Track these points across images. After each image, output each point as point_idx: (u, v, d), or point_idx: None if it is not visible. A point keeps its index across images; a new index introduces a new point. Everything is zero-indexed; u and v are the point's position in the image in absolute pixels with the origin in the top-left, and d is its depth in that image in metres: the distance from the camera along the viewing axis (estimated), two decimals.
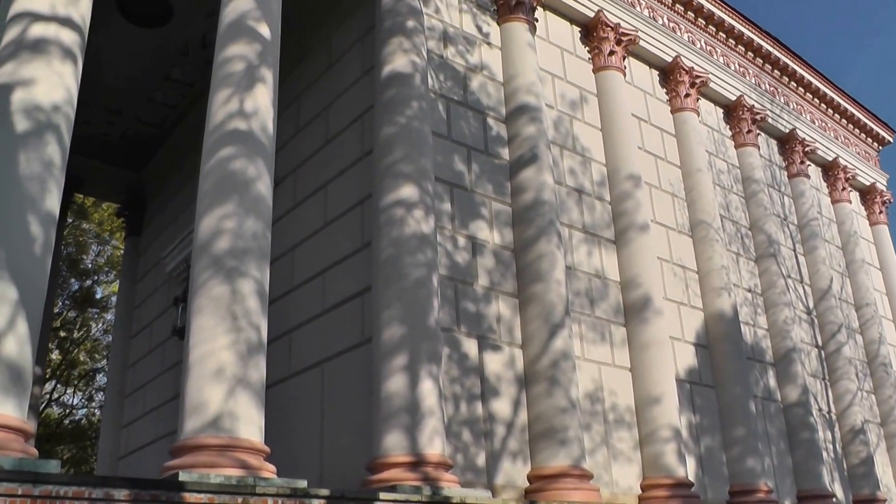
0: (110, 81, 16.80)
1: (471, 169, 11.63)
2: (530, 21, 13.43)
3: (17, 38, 8.29)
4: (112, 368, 19.73)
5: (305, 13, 13.88)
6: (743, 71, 18.32)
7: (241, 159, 8.85)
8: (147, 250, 19.36)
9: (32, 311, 7.17)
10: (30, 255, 7.36)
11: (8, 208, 7.39)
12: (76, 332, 32.90)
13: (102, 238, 32.30)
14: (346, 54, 12.72)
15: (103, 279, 33.10)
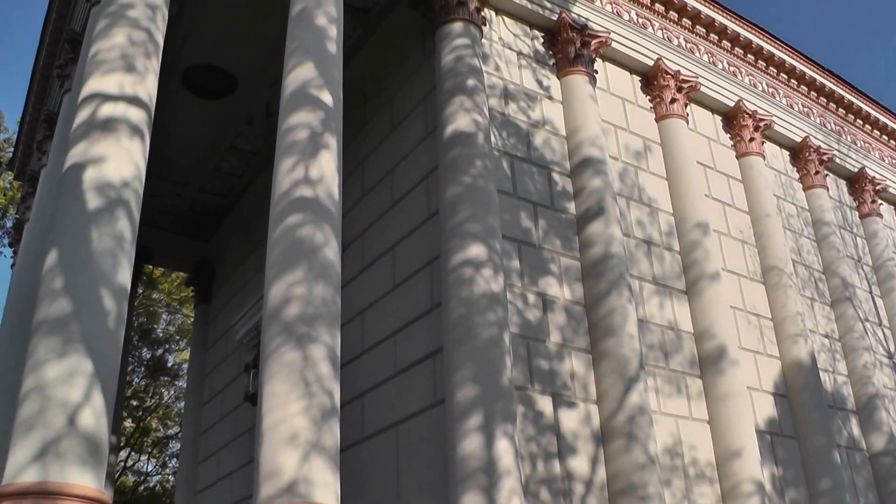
0: (177, 154, 17.31)
1: (538, 225, 11.65)
2: (590, 73, 13.50)
3: (88, 119, 8.65)
4: (185, 435, 19.98)
5: (367, 78, 14.16)
6: (807, 111, 18.12)
7: (308, 226, 8.97)
8: (217, 318, 19.67)
9: (108, 383, 7.38)
10: (104, 328, 7.59)
11: (82, 284, 7.66)
12: (149, 400, 33.46)
13: (173, 307, 33.00)
14: (409, 116, 12.90)
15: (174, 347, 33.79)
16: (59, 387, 7.09)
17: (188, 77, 15.40)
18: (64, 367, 7.19)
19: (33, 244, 13.15)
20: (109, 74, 8.97)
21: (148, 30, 9.49)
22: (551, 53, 13.73)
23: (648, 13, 15.51)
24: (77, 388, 7.11)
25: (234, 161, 17.87)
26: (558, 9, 13.84)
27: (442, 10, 12.32)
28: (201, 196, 19.25)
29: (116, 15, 9.44)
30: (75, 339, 7.33)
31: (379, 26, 14.12)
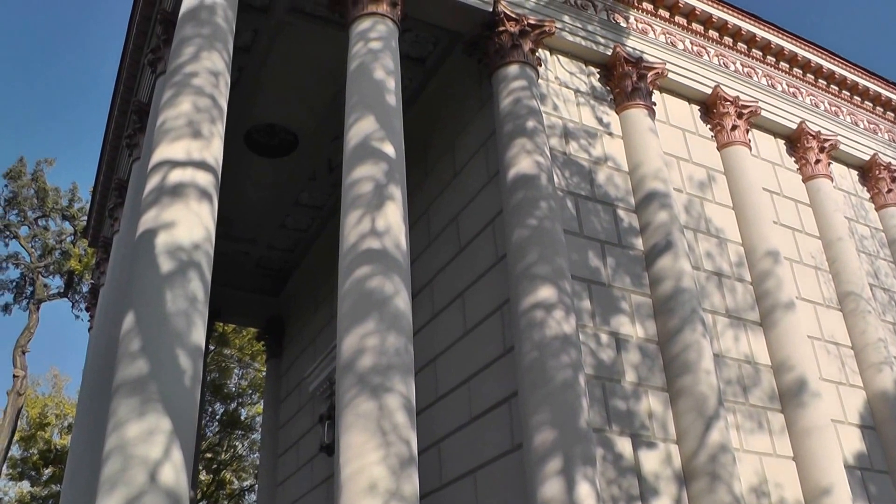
0: (243, 213, 17.74)
1: (606, 263, 11.65)
2: (649, 106, 13.52)
3: (158, 185, 8.92)
4: (262, 488, 20.19)
5: (426, 126, 14.36)
6: (873, 127, 17.83)
7: (377, 277, 9.12)
8: (288, 371, 19.93)
9: (186, 440, 7.57)
10: (181, 387, 7.80)
11: (159, 345, 7.88)
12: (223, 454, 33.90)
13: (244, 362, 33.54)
14: (470, 162, 13.04)
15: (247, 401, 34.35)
16: (139, 445, 7.28)
17: (251, 137, 15.81)
18: (144, 425, 7.38)
19: (109, 307, 13.51)
20: (177, 141, 9.24)
21: (212, 96, 9.75)
22: (608, 89, 13.79)
23: (703, 40, 15.50)
24: (157, 445, 7.30)
25: (299, 216, 18.22)
26: (612, 43, 13.92)
27: (497, 53, 12.49)
28: (268, 252, 19.67)
29: (181, 84, 9.75)
30: (154, 399, 7.54)
31: (435, 75, 14.33)
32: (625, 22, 14.44)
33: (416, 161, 13.26)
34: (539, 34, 12.85)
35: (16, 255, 35.86)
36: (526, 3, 13.25)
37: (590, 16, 14.04)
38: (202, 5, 10.46)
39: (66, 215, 36.54)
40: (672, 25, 15.14)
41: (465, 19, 12.88)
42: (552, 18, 13.24)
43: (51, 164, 36.75)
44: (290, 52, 13.78)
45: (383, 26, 11.41)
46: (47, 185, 36.15)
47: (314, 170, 16.64)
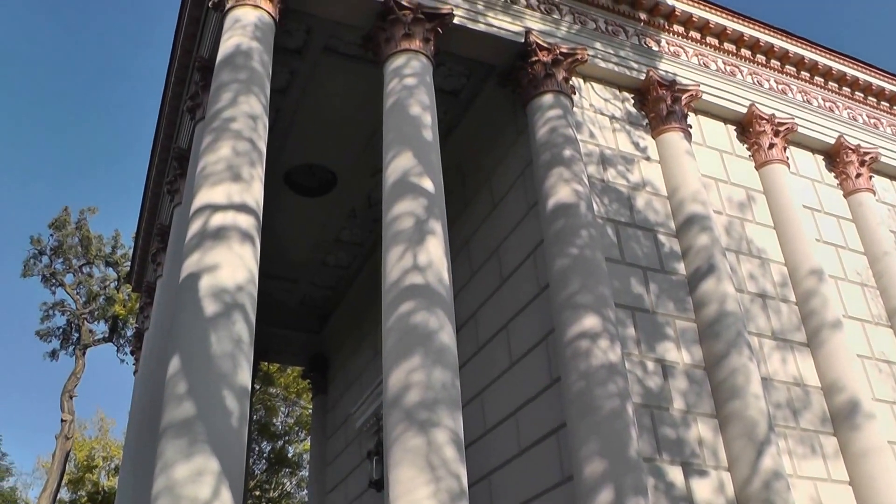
0: (285, 252, 17.96)
1: (649, 289, 11.64)
2: (684, 129, 13.53)
3: (201, 229, 9.06)
4: None
5: (463, 159, 14.47)
6: None
7: (421, 312, 9.19)
8: (335, 407, 20.02)
9: (234, 480, 7.68)
10: (228, 427, 7.91)
11: (205, 386, 8.00)
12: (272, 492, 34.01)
13: (290, 400, 33.74)
14: (509, 192, 13.11)
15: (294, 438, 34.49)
16: (188, 486, 7.38)
17: (290, 178, 16.03)
18: (192, 466, 7.49)
19: (154, 351, 13.69)
20: (218, 185, 9.38)
21: (250, 139, 9.91)
22: (643, 113, 13.82)
23: (735, 59, 15.48)
24: (205, 486, 7.40)
25: (340, 254, 18.41)
26: (645, 68, 13.98)
27: (531, 83, 12.59)
28: (311, 290, 19.86)
29: (220, 129, 9.91)
30: (201, 440, 7.65)
31: (470, 107, 14.43)
32: (657, 46, 14.48)
33: (454, 194, 13.35)
34: (572, 62, 12.93)
35: (62, 303, 36.64)
36: (557, 32, 13.35)
37: (621, 41, 14.11)
38: (238, 51, 10.65)
39: (110, 262, 37.33)
40: (704, 46, 15.16)
41: (497, 51, 13.02)
42: (584, 46, 13.31)
43: (93, 212, 37.71)
44: (326, 91, 14.00)
45: (417, 62, 11.58)
46: (91, 233, 37.06)
47: (354, 207, 16.83)
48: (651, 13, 14.62)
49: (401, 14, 11.83)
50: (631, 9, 14.46)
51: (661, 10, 14.64)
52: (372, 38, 12.15)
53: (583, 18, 13.92)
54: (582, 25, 13.81)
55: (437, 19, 12.10)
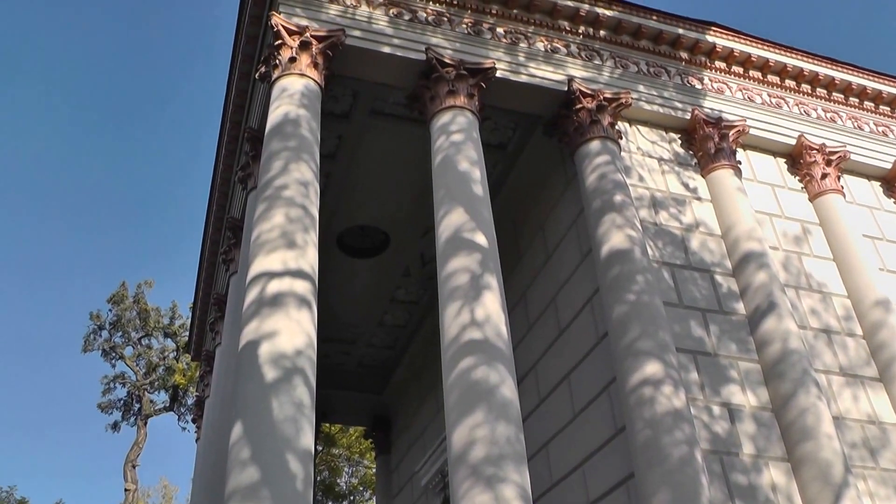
0: (341, 315, 18.17)
1: (709, 332, 11.55)
2: (734, 165, 13.51)
3: (258, 297, 9.21)
4: None
5: (514, 211, 14.61)
6: None
7: (481, 368, 9.22)
8: (399, 466, 20.04)
9: None
10: (293, 491, 7.97)
11: (268, 451, 8.08)
12: None
13: (353, 460, 33.81)
14: (562, 242, 13.17)
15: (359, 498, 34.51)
16: None
17: (343, 240, 16.28)
18: None
19: (215, 418, 13.83)
20: (273, 253, 9.54)
21: (303, 205, 10.08)
22: (691, 153, 13.83)
23: (780, 91, 15.44)
24: None
25: (396, 313, 18.57)
26: (689, 107, 14.03)
27: (576, 131, 12.69)
28: (369, 351, 20.04)
29: (273, 197, 10.09)
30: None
31: (518, 159, 14.56)
32: (700, 83, 14.53)
33: (508, 247, 13.41)
34: (616, 107, 13.04)
35: (122, 375, 37.51)
36: (599, 78, 13.48)
37: (664, 82, 14.19)
38: (287, 119, 10.88)
39: (168, 333, 38.22)
40: (747, 80, 15.17)
41: (541, 101, 13.18)
42: (627, 90, 13.43)
43: (150, 285, 38.84)
44: (374, 153, 14.24)
45: (463, 118, 11.76)
46: (148, 305, 38.12)
47: (407, 265, 17.03)
48: (692, 52, 14.70)
49: (444, 72, 12.06)
50: (671, 49, 14.55)
51: (701, 48, 14.70)
52: (417, 97, 12.38)
53: (624, 62, 14.04)
54: (624, 69, 13.93)
55: (480, 74, 12.31)
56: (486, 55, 12.75)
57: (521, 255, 14.48)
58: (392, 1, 12.80)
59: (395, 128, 13.70)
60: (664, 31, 14.39)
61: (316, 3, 12.23)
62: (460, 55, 12.48)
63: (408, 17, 12.69)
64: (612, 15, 13.98)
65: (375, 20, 12.45)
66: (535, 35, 13.54)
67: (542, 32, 13.62)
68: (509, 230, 14.48)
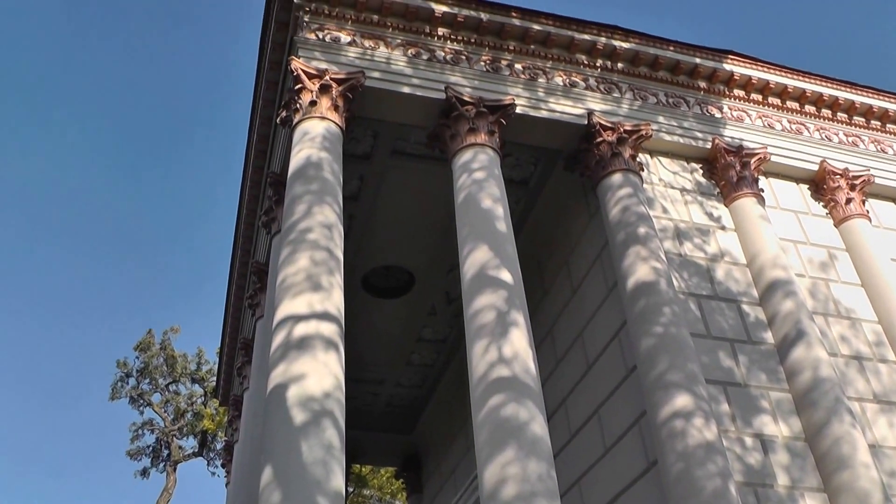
0: (368, 355, 18.24)
1: (738, 362, 11.51)
2: (756, 193, 13.52)
3: (284, 341, 9.26)
4: None
5: (539, 247, 14.68)
6: None
7: (511, 405, 9.24)
8: None
9: None
10: None
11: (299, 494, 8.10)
12: None
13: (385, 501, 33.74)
14: (587, 276, 13.22)
15: None
16: None
17: (368, 281, 16.42)
18: None
19: (245, 462, 13.87)
20: (298, 296, 9.61)
21: (327, 248, 10.16)
22: (713, 182, 13.86)
23: (800, 117, 15.44)
24: None
25: (423, 352, 18.63)
26: (710, 136, 14.07)
27: (598, 165, 12.78)
28: (397, 391, 20.08)
29: (297, 240, 10.18)
30: None
31: (540, 194, 14.64)
32: (719, 112, 14.60)
33: (533, 282, 13.46)
34: (637, 139, 13.12)
35: (150, 422, 37.74)
36: (619, 111, 13.58)
37: (683, 112, 14.26)
38: (309, 163, 11.00)
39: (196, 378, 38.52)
40: (767, 107, 15.19)
41: (561, 136, 13.29)
42: (647, 121, 13.51)
43: (176, 332, 39.25)
44: (397, 193, 14.38)
45: (484, 155, 11.88)
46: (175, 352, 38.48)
47: (433, 304, 17.12)
48: (710, 80, 14.77)
49: (463, 110, 12.20)
50: (689, 79, 14.64)
51: (719, 77, 14.77)
52: (437, 135, 12.52)
53: (643, 94, 14.14)
54: (643, 101, 14.02)
55: (500, 111, 12.44)
56: (505, 91, 12.89)
57: (546, 290, 14.53)
58: (410, 41, 12.99)
59: (417, 167, 13.83)
60: (681, 62, 14.49)
61: (335, 47, 12.43)
62: (479, 92, 12.63)
63: (426, 56, 12.87)
64: (629, 47, 14.11)
65: (394, 61, 12.63)
66: (554, 70, 13.68)
67: (560, 67, 13.76)
68: (534, 266, 14.54)
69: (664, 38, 14.48)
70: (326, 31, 12.56)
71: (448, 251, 13.91)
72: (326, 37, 12.50)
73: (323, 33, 12.51)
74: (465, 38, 13.22)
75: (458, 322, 10.67)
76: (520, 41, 13.53)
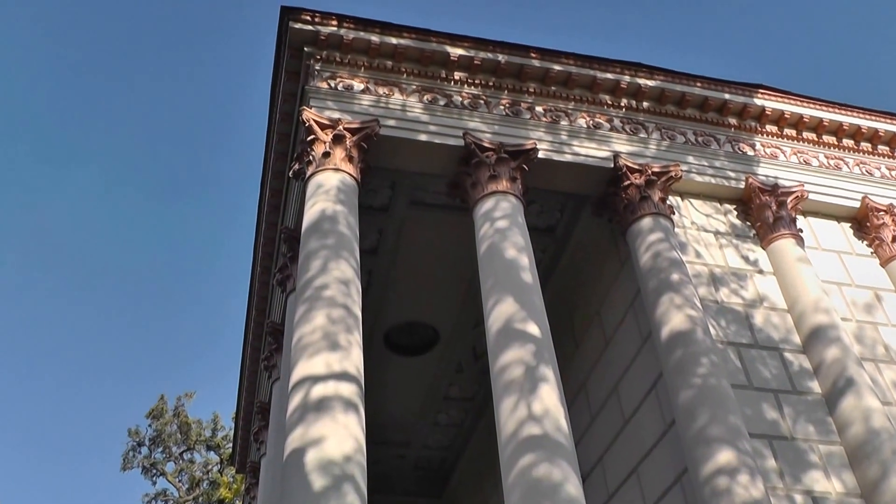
0: (392, 416, 18.18)
1: (784, 414, 11.32)
2: (795, 234, 13.41)
3: (302, 402, 9.22)
4: None
5: (568, 297, 14.65)
6: None
7: (543, 465, 9.10)
8: None
9: None
10: None
11: None
12: None
13: None
14: (620, 326, 13.14)
15: None
16: None
17: (390, 339, 16.41)
18: None
19: None
20: (315, 356, 9.57)
21: (345, 305, 10.13)
22: (749, 224, 13.80)
23: (838, 151, 15.36)
24: None
25: (451, 411, 18.53)
26: (743, 175, 14.04)
27: (627, 209, 12.76)
28: (425, 453, 19.93)
29: (313, 298, 10.16)
30: None
31: (567, 242, 14.64)
32: (752, 150, 14.55)
33: (563, 334, 13.38)
34: (666, 181, 13.11)
35: (164, 492, 37.52)
36: (646, 152, 13.58)
37: (714, 151, 14.23)
38: (324, 216, 11.02)
39: (211, 445, 38.35)
40: (802, 143, 15.14)
41: (587, 180, 13.29)
42: (676, 162, 13.51)
43: (190, 397, 39.18)
44: (417, 245, 14.40)
45: (507, 203, 11.87)
46: (189, 418, 38.38)
47: (460, 361, 17.08)
48: (741, 117, 14.76)
49: (483, 156, 12.23)
50: (719, 115, 14.63)
51: (750, 112, 14.77)
52: (457, 184, 12.56)
53: (671, 133, 14.13)
54: (671, 140, 14.01)
55: (522, 156, 12.46)
56: (526, 136, 12.93)
57: (578, 342, 14.45)
58: (425, 87, 13.08)
59: (437, 217, 13.87)
60: (710, 98, 14.49)
61: (347, 95, 12.53)
62: (500, 138, 12.66)
63: (443, 102, 12.94)
64: (654, 85, 14.14)
65: (410, 108, 12.70)
66: (576, 111, 13.72)
67: (583, 108, 13.80)
68: (564, 317, 14.47)
69: (691, 74, 14.51)
70: (339, 80, 12.67)
71: (473, 305, 13.85)
72: (339, 85, 12.60)
73: (335, 81, 12.62)
74: (483, 82, 13.30)
75: (486, 379, 10.56)
76: (540, 82, 13.60)
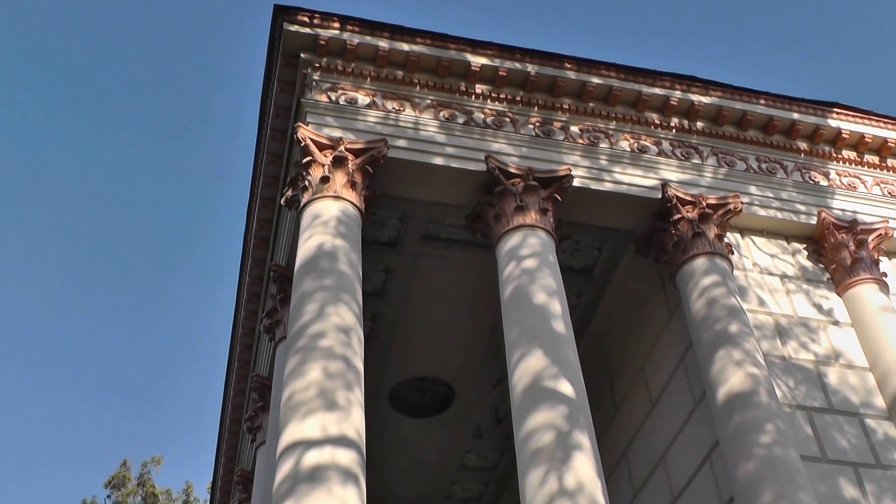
0: (400, 488, 18.07)
1: (865, 492, 11.17)
2: (877, 279, 13.37)
3: (292, 472, 9.14)
4: None
5: (607, 351, 14.63)
6: None
7: None
8: None
9: None
10: None
11: None
12: None
13: None
14: (668, 385, 13.10)
15: None
16: None
17: (397, 396, 16.34)
18: None
19: None
20: (309, 416, 9.50)
21: (344, 356, 10.08)
22: (822, 266, 13.76)
23: None
24: None
25: (468, 483, 18.42)
26: (814, 209, 14.03)
27: (677, 248, 12.73)
28: None
29: (307, 348, 10.11)
30: None
31: (607, 285, 14.57)
32: (825, 179, 14.54)
33: (601, 395, 13.34)
34: (723, 215, 13.10)
35: None
36: (700, 181, 13.56)
37: (781, 180, 14.21)
38: (321, 252, 11.00)
39: None
40: (886, 171, 15.16)
41: (630, 213, 13.32)
42: (735, 193, 13.51)
43: (158, 463, 39.14)
44: (430, 287, 14.36)
45: (535, 239, 11.85)
46: (156, 488, 38.30)
47: (478, 424, 17.00)
48: (812, 140, 14.77)
49: (509, 184, 12.24)
50: (786, 139, 14.65)
51: (823, 136, 14.78)
52: (478, 216, 12.56)
53: (729, 159, 14.13)
54: (729, 167, 14.01)
55: (554, 184, 12.49)
56: (559, 160, 12.96)
57: (619, 403, 14.40)
58: (442, 102, 13.13)
59: (454, 255, 13.85)
60: (775, 118, 14.50)
61: (351, 110, 12.57)
62: (528, 162, 12.68)
63: (462, 119, 12.99)
64: (709, 102, 14.16)
65: (423, 126, 12.74)
66: (618, 132, 13.75)
67: (627, 128, 13.84)
68: (602, 374, 14.44)
69: (753, 90, 14.50)
70: (341, 92, 12.72)
71: (495, 358, 13.84)
72: (341, 98, 12.66)
73: (336, 94, 12.68)
74: (510, 97, 13.35)
75: (510, 446, 10.52)
76: (576, 98, 13.65)
